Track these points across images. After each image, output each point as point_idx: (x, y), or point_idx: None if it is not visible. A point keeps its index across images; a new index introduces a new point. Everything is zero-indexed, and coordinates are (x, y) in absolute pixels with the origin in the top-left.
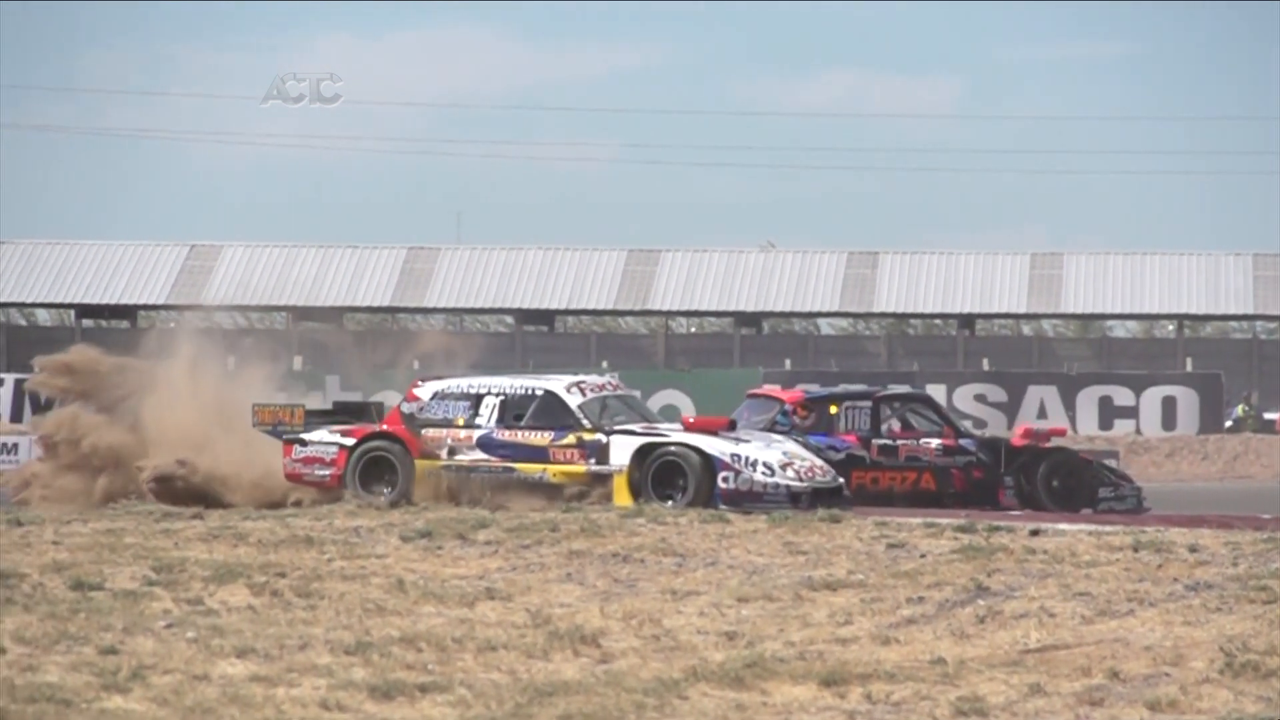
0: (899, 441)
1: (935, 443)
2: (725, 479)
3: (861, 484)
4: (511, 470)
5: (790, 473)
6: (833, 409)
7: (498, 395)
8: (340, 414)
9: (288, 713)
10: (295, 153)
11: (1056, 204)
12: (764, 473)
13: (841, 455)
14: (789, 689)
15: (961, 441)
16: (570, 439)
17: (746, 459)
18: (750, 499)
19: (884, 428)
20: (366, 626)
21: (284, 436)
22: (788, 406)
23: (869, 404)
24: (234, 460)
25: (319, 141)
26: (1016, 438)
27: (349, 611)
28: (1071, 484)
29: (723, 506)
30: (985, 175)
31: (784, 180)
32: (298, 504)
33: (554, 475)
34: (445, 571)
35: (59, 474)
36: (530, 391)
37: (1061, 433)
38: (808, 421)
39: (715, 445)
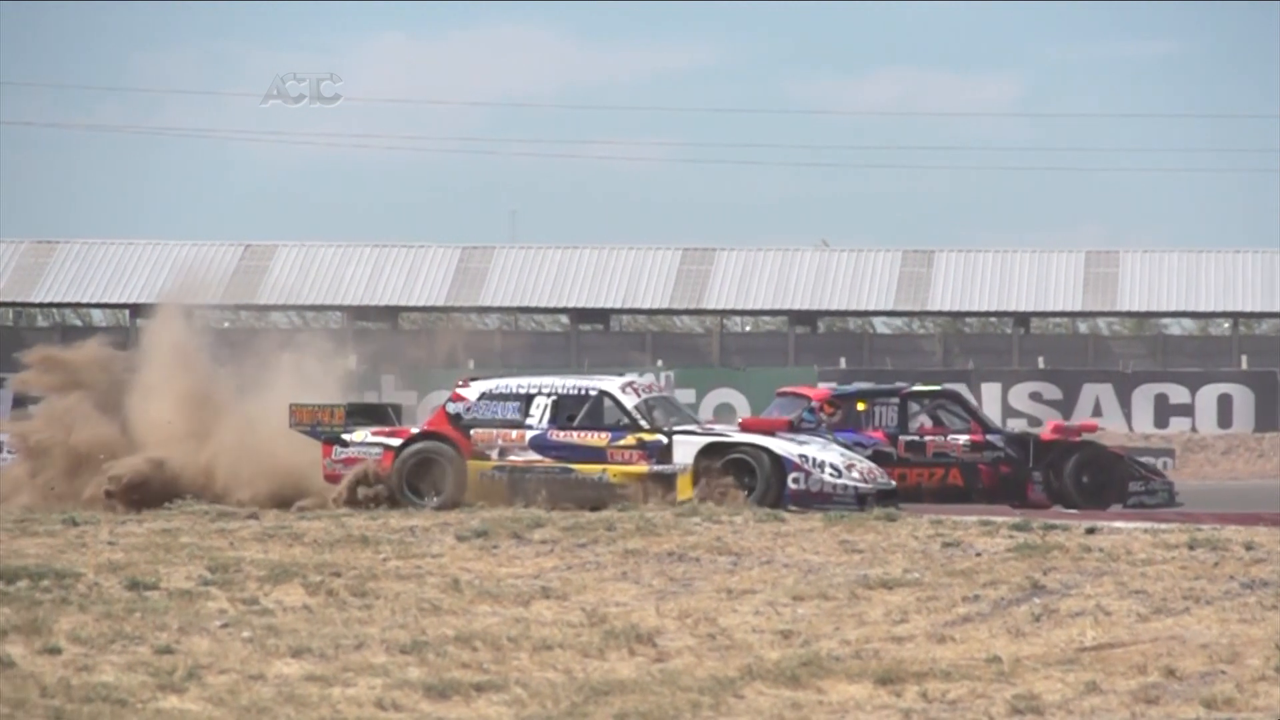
0: (926, 438)
1: (963, 439)
2: (796, 480)
3: None
4: (570, 471)
5: (855, 474)
6: (860, 406)
7: (549, 395)
8: (355, 415)
9: (343, 712)
10: (350, 152)
11: (1112, 202)
12: (831, 474)
13: (868, 452)
14: (844, 687)
15: (989, 437)
16: (630, 439)
17: (814, 460)
18: (819, 500)
19: (911, 424)
20: (422, 626)
21: (322, 437)
22: (814, 404)
23: (896, 400)
24: (229, 455)
25: (374, 141)
26: (1046, 433)
27: (404, 611)
28: (1101, 479)
29: (792, 507)
30: (1041, 173)
31: (839, 179)
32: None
33: (614, 476)
34: (501, 571)
35: (44, 473)
36: (583, 391)
37: (1092, 428)
38: (834, 418)
39: (783, 446)
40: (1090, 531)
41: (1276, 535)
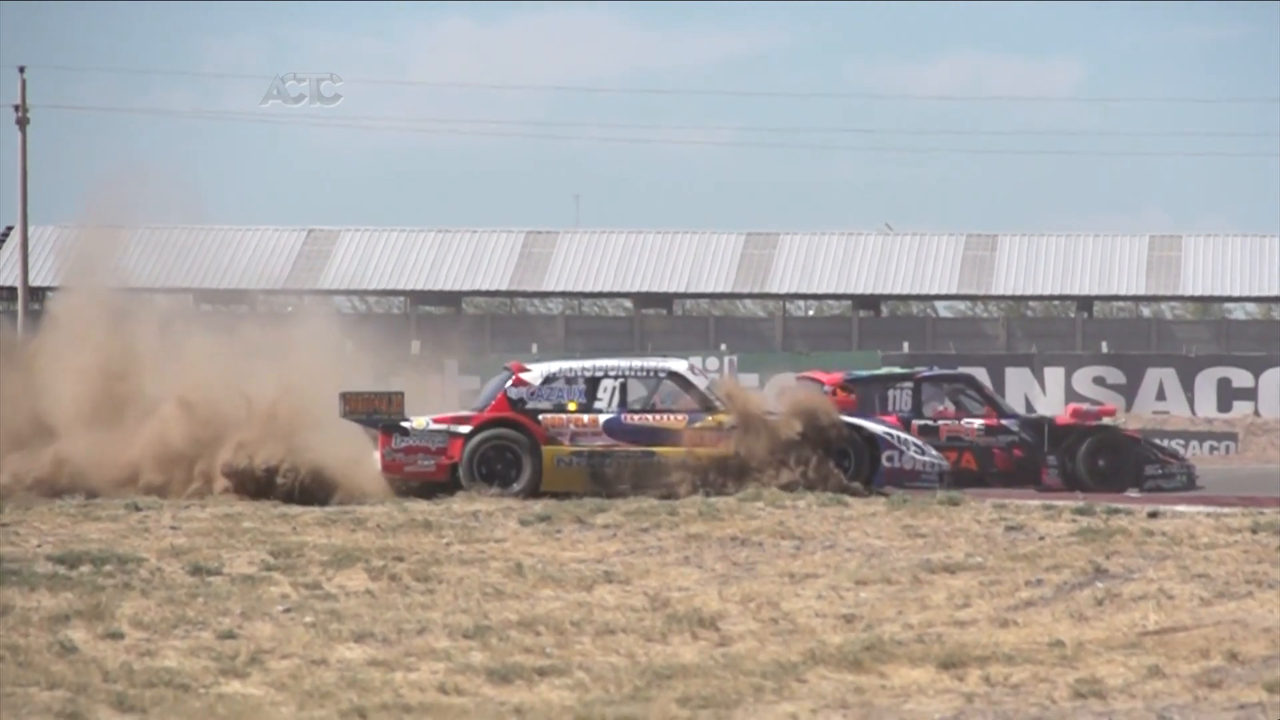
0: (940, 422)
1: (977, 423)
2: (890, 458)
3: None
4: (652, 455)
5: (932, 452)
6: (874, 391)
7: (616, 378)
8: (350, 401)
9: (406, 697)
10: (414, 137)
11: (1175, 186)
12: (916, 451)
13: None
14: (907, 672)
15: (1004, 421)
16: (710, 421)
17: (899, 438)
18: (910, 477)
19: (926, 409)
20: (485, 610)
21: (380, 425)
22: (827, 388)
23: (910, 385)
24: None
25: (437, 125)
26: (1063, 417)
27: (467, 595)
28: (1116, 462)
29: (885, 486)
30: (1104, 157)
31: (902, 163)
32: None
33: (697, 459)
34: (564, 555)
35: None
36: (652, 373)
37: (1111, 412)
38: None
39: (874, 425)
40: (1153, 515)
41: None
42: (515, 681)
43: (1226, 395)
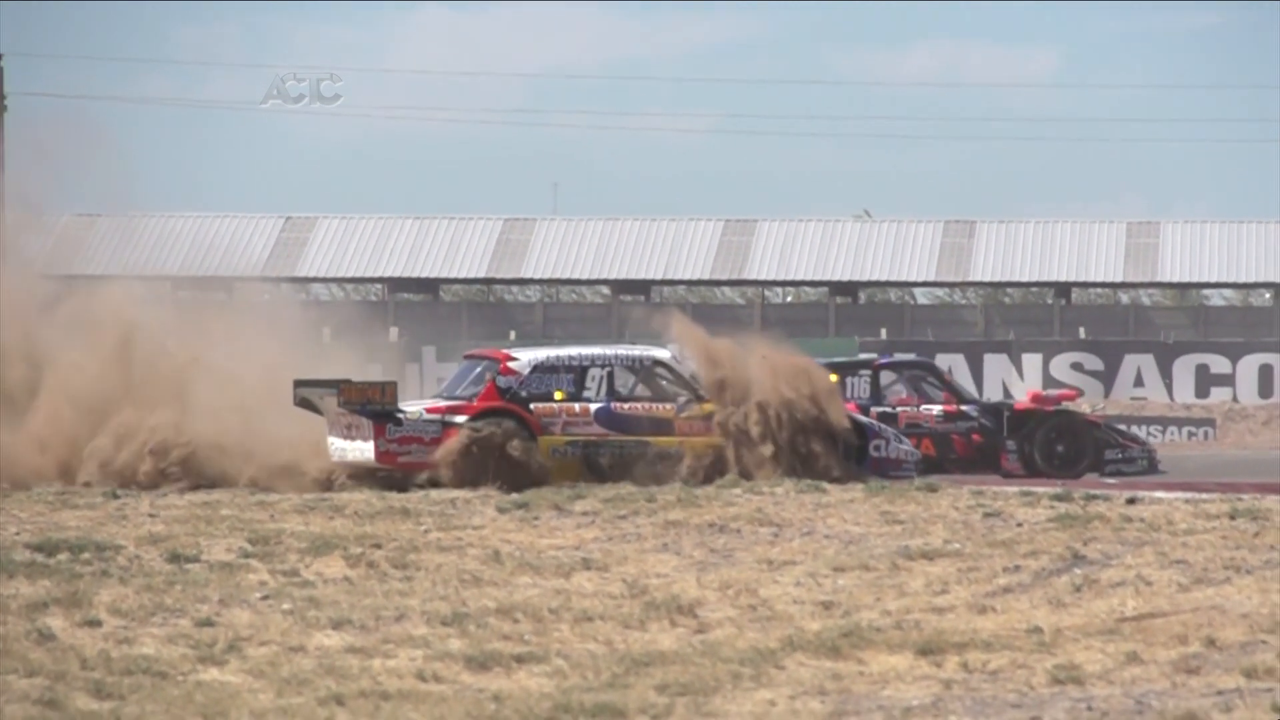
0: (899, 409)
1: (936, 409)
2: (877, 448)
3: None
4: (646, 445)
5: (909, 442)
6: (832, 378)
7: (603, 367)
8: (302, 389)
9: (384, 684)
10: (391, 124)
11: (1153, 172)
12: (897, 440)
13: None
14: (885, 658)
15: (964, 407)
16: (698, 410)
17: (883, 428)
18: (894, 467)
19: (885, 396)
20: (463, 597)
21: (374, 415)
22: None
23: (868, 373)
24: None
25: (415, 113)
26: (1022, 402)
27: (445, 583)
28: (1074, 447)
29: (871, 475)
30: (1082, 144)
31: (880, 150)
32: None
33: (691, 448)
34: (541, 542)
35: None
36: (638, 362)
37: (1071, 396)
38: None
39: (862, 416)
40: (1131, 502)
41: None
42: (493, 669)
43: (1204, 381)
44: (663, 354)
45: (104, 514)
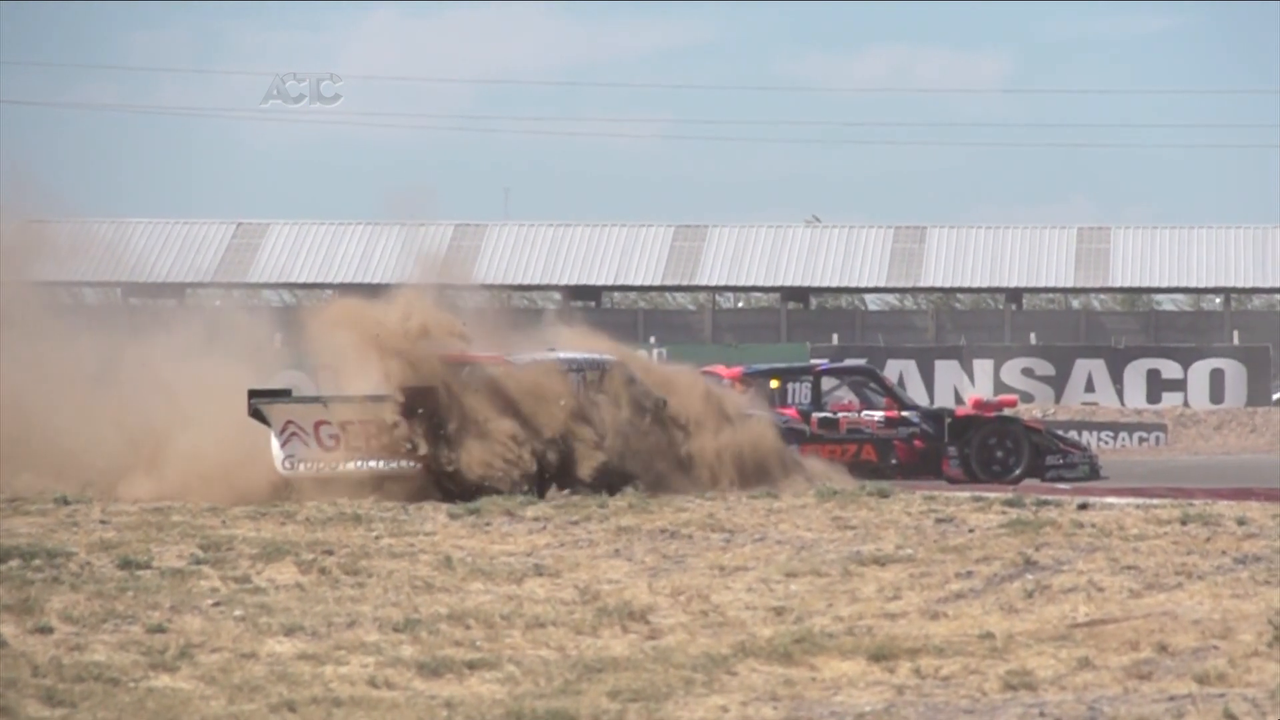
0: (840, 414)
1: (877, 415)
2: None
3: None
4: None
5: None
6: (773, 384)
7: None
8: (257, 398)
9: (336, 690)
10: (343, 130)
11: (1103, 178)
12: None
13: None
14: (837, 664)
15: (905, 413)
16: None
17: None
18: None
19: (825, 401)
20: (415, 604)
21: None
22: (726, 382)
23: (809, 379)
24: None
25: (366, 119)
26: (963, 408)
27: (397, 589)
28: (1015, 452)
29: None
30: (1032, 149)
31: (830, 155)
32: None
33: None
34: (493, 548)
35: None
36: (600, 364)
37: (1012, 403)
38: (746, 397)
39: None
40: (1083, 507)
41: (1268, 510)
42: (445, 675)
43: (1156, 387)
44: (615, 357)
45: (55, 520)
